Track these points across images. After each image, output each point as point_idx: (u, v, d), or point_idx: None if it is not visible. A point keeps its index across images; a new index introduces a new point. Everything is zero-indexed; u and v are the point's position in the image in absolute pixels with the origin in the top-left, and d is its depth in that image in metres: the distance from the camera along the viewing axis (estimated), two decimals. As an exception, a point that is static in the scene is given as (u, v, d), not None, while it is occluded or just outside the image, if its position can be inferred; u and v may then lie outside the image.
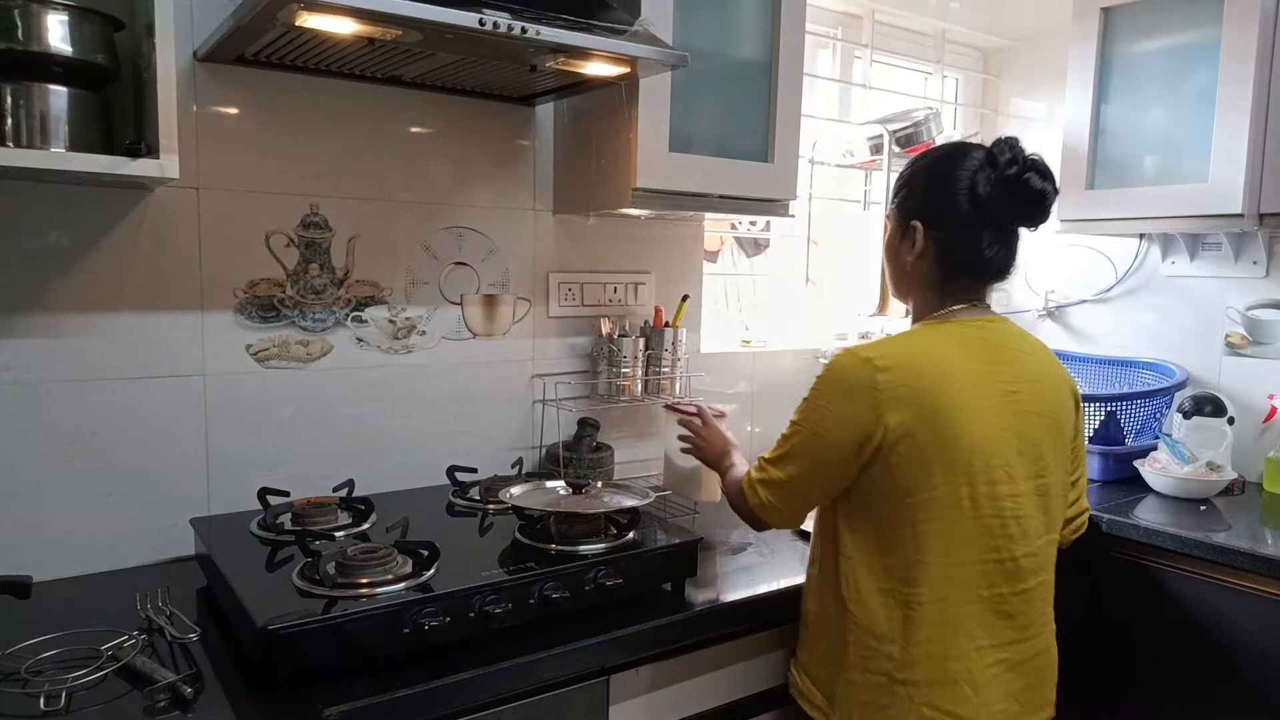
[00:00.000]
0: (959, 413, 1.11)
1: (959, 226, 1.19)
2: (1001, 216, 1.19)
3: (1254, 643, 1.70)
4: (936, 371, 1.13)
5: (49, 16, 1.16)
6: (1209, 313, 2.32)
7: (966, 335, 1.19)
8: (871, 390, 1.11)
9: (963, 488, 1.12)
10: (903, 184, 1.26)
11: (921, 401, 1.10)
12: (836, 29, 2.45)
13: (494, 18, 1.19)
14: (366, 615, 1.07)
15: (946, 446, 1.10)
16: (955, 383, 1.13)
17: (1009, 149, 1.18)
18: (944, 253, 1.21)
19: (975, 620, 1.14)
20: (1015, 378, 1.18)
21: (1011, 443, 1.15)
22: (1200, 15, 2.02)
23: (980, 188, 1.17)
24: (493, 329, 1.79)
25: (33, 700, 0.98)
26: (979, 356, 1.17)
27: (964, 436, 1.11)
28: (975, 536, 1.13)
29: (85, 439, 1.39)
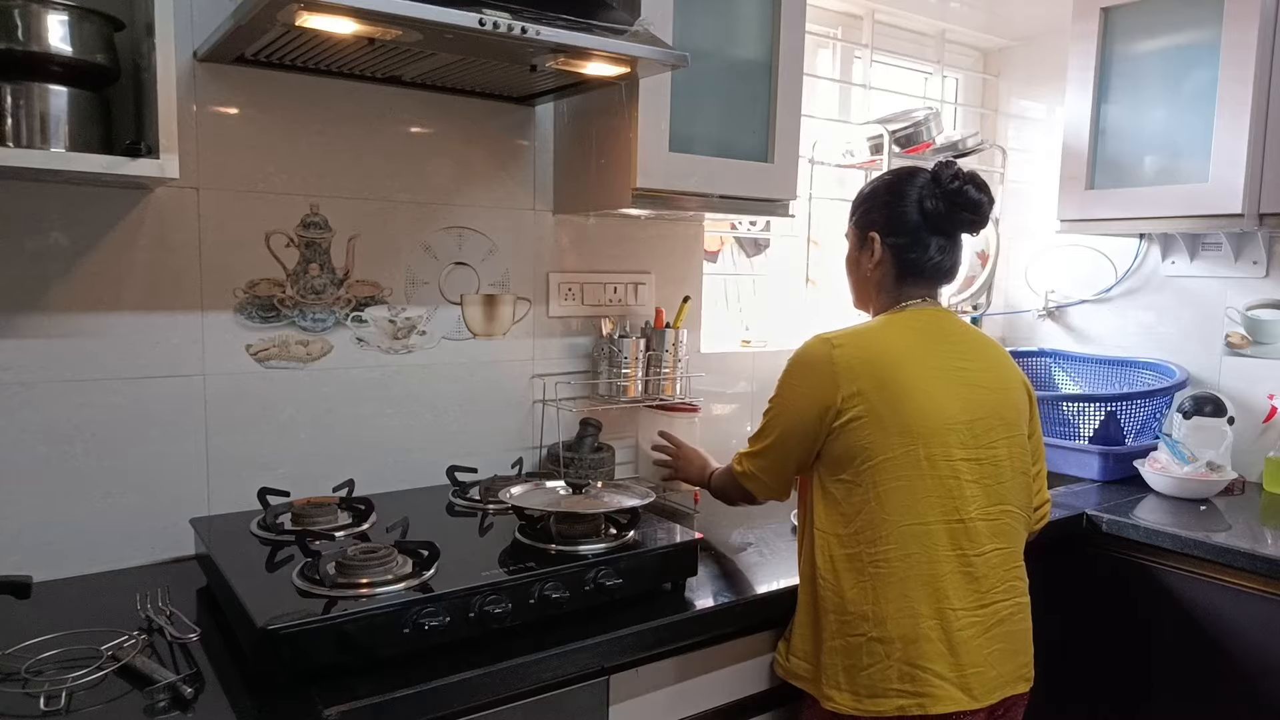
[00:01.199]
0: (911, 381, 1.25)
1: (911, 235, 1.35)
2: (946, 225, 1.35)
3: (1254, 643, 1.70)
4: (888, 346, 1.28)
5: (49, 16, 1.16)
6: (1209, 313, 2.32)
7: (917, 320, 1.34)
8: (829, 364, 1.26)
9: (919, 448, 1.23)
10: (860, 203, 1.42)
11: (874, 372, 1.25)
12: (836, 29, 2.45)
13: (494, 18, 1.19)
14: (366, 615, 1.07)
15: (900, 410, 1.23)
16: (907, 355, 1.28)
17: (948, 168, 1.34)
18: (899, 258, 1.36)
19: (945, 580, 1.23)
20: (964, 355, 1.32)
21: (961, 411, 1.27)
22: (1200, 15, 2.02)
23: (927, 202, 1.34)
24: (493, 329, 1.79)
25: (33, 700, 0.98)
26: (929, 336, 1.32)
27: (916, 401, 1.24)
28: (934, 495, 1.23)
29: (85, 439, 1.39)
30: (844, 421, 1.24)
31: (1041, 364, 2.63)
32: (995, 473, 1.29)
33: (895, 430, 1.23)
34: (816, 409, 1.27)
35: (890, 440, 1.23)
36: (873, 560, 1.23)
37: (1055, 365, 2.61)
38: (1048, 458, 2.24)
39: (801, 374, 1.31)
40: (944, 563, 1.23)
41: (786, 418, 1.31)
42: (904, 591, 1.21)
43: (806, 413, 1.28)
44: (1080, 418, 2.24)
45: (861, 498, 1.24)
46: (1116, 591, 1.90)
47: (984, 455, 1.28)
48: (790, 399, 1.31)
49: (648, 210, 1.68)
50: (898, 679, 1.20)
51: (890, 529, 1.22)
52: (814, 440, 1.29)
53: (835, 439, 1.26)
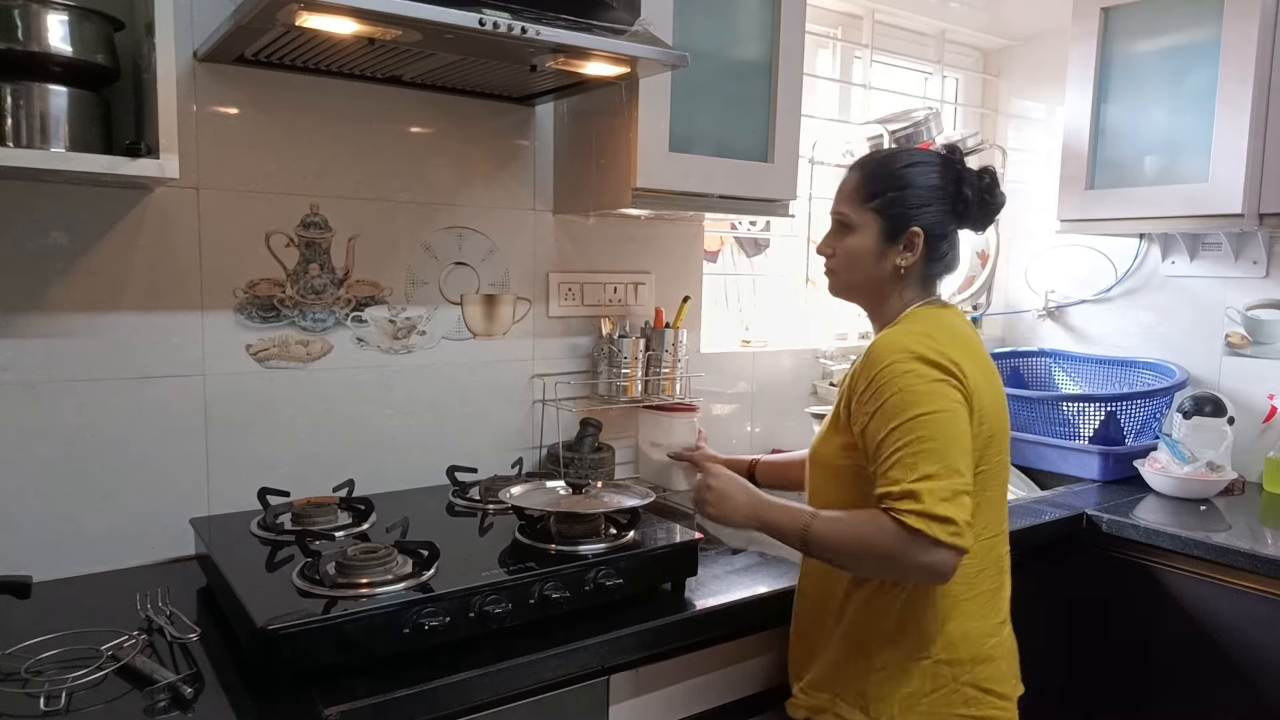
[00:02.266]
0: (991, 386, 1.21)
1: (947, 233, 1.27)
2: (972, 223, 1.29)
3: (1254, 643, 1.70)
4: (969, 348, 1.20)
5: (49, 16, 1.16)
6: (1209, 313, 2.32)
7: (958, 317, 1.28)
8: (953, 366, 1.13)
9: (1004, 455, 1.21)
10: (881, 188, 1.25)
11: (975, 376, 1.16)
12: (836, 29, 2.45)
13: (494, 18, 1.19)
14: (366, 615, 1.07)
15: (992, 419, 1.17)
16: (980, 359, 1.22)
17: (963, 157, 1.28)
18: (934, 256, 1.26)
19: (1001, 592, 1.22)
20: (988, 359, 1.27)
21: (1006, 419, 1.25)
22: (1200, 15, 2.02)
23: (965, 195, 1.25)
24: (493, 329, 1.79)
25: (33, 700, 0.98)
26: (975, 337, 1.27)
27: (998, 408, 1.21)
28: (1001, 505, 1.22)
29: (85, 439, 1.39)
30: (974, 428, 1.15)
31: (1041, 364, 2.63)
32: (1007, 476, 1.28)
33: (992, 439, 1.17)
34: (967, 417, 1.12)
35: (989, 450, 1.16)
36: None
37: (1055, 365, 2.61)
38: (1048, 458, 2.29)
39: (938, 378, 1.11)
40: (1002, 574, 1.21)
41: (957, 432, 1.09)
42: (974, 610, 1.16)
43: (965, 423, 1.11)
44: (1080, 418, 2.23)
45: None
46: (1116, 591, 1.90)
47: (1005, 460, 1.26)
48: (947, 408, 1.10)
49: (648, 210, 1.68)
50: (963, 704, 1.14)
51: (974, 543, 1.10)
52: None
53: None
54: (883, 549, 1.06)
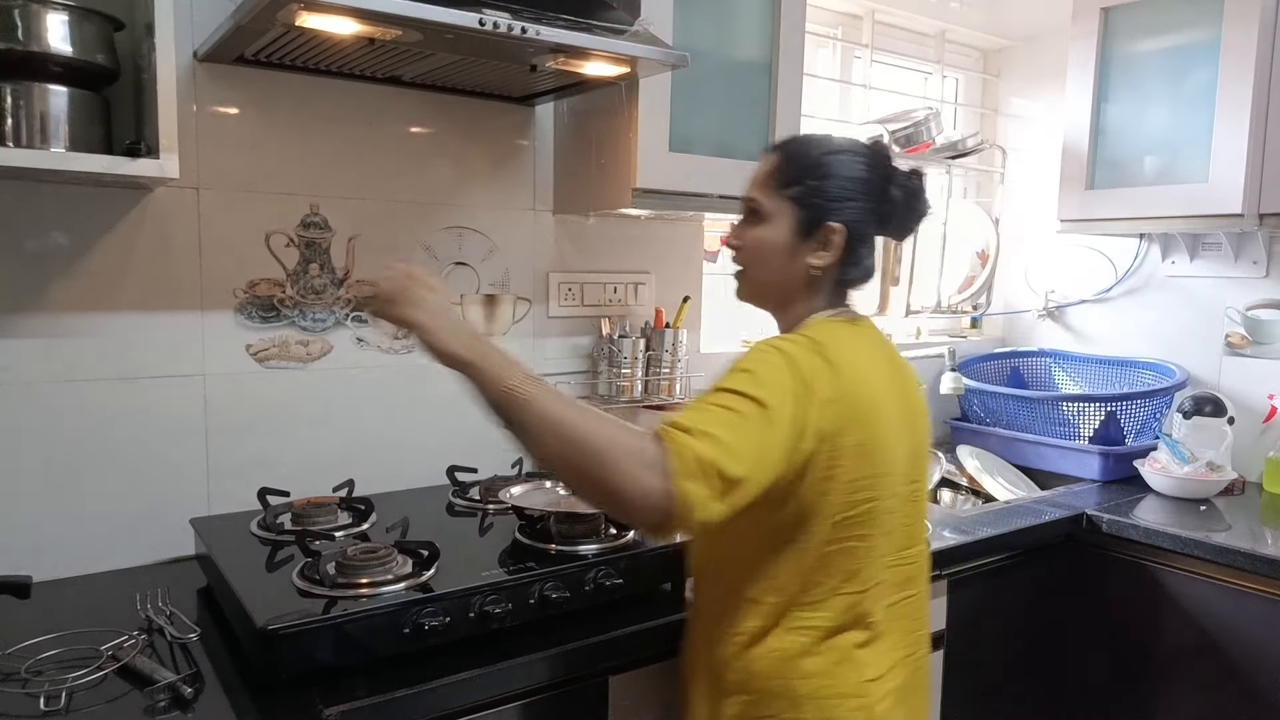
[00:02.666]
0: (883, 415, 1.04)
1: (870, 236, 1.12)
2: (894, 229, 1.15)
3: (1254, 643, 1.70)
4: (858, 374, 1.04)
5: (49, 16, 1.16)
6: (1209, 313, 2.32)
7: (865, 336, 1.12)
8: (821, 371, 0.99)
9: (883, 499, 1.05)
10: (800, 174, 1.10)
11: (858, 403, 1.01)
12: (836, 29, 2.45)
13: (494, 18, 1.19)
14: (366, 615, 1.07)
15: (874, 456, 1.02)
16: (878, 382, 1.06)
17: (891, 155, 1.13)
18: (852, 260, 1.11)
19: (873, 651, 1.06)
20: (904, 379, 1.13)
21: (906, 447, 1.08)
22: (1200, 15, 2.02)
23: (894, 198, 1.11)
24: (493, 329, 1.79)
25: (33, 700, 0.98)
26: (880, 359, 1.10)
27: (886, 442, 1.04)
28: (882, 553, 1.06)
29: (85, 439, 1.39)
30: (821, 458, 0.99)
31: (1041, 364, 2.63)
32: (917, 510, 1.13)
33: (860, 482, 1.01)
34: (798, 424, 0.97)
35: (853, 493, 1.01)
36: (796, 630, 1.03)
37: (1055, 365, 2.61)
38: (1048, 458, 2.29)
39: (783, 365, 0.98)
40: (869, 630, 1.05)
41: (782, 398, 0.96)
42: (829, 669, 1.02)
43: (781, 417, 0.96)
44: (1080, 418, 2.24)
45: (810, 559, 1.02)
46: (1116, 591, 1.90)
47: (912, 491, 1.11)
48: (780, 385, 0.96)
49: (648, 210, 1.68)
50: None
51: (826, 596, 1.02)
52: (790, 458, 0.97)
53: (801, 478, 0.99)
54: (607, 443, 0.88)
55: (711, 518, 0.89)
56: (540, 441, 0.91)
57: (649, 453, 0.88)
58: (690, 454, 0.88)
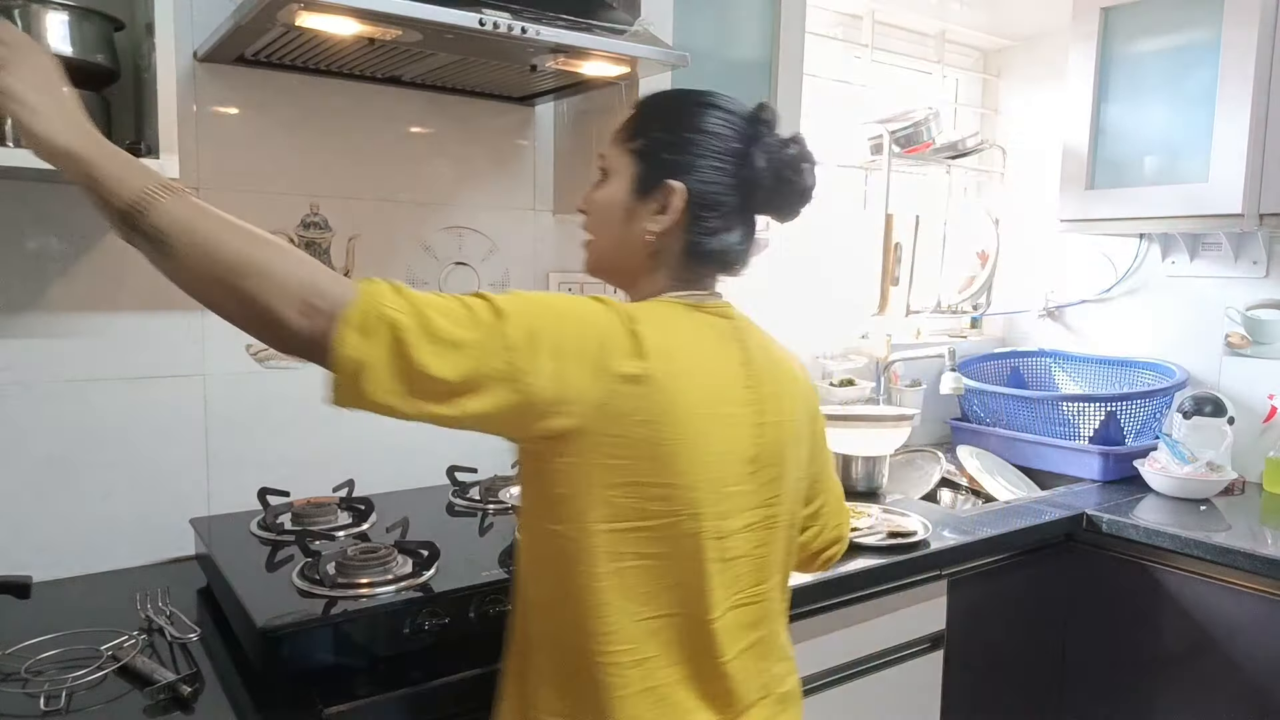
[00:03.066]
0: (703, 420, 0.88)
1: (721, 202, 0.94)
2: (763, 203, 0.97)
3: (1254, 643, 1.70)
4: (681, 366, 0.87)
5: (49, 16, 1.16)
6: (1209, 313, 2.32)
7: (709, 326, 0.94)
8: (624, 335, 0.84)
9: (692, 520, 0.88)
10: (645, 125, 0.97)
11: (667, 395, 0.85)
12: (836, 29, 2.45)
13: (494, 18, 1.19)
14: (366, 615, 1.07)
15: (673, 464, 0.85)
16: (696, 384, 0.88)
17: (775, 117, 0.97)
18: (700, 229, 0.94)
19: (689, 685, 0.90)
20: (763, 383, 0.95)
21: (747, 461, 0.92)
22: (1200, 15, 2.02)
23: (754, 159, 0.94)
24: (493, 329, 1.79)
25: (33, 700, 0.98)
26: (725, 355, 0.93)
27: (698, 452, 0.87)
28: (685, 581, 0.88)
29: (85, 439, 1.39)
30: (593, 441, 0.82)
31: (1041, 364, 2.63)
32: (772, 537, 0.95)
33: (660, 486, 0.85)
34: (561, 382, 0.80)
35: (645, 500, 0.84)
36: (597, 664, 0.85)
37: (1055, 365, 2.61)
38: (1048, 458, 2.29)
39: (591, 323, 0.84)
40: (683, 665, 0.89)
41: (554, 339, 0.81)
42: (638, 712, 0.86)
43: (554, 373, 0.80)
44: (1080, 418, 2.24)
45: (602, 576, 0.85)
46: (1116, 591, 1.90)
47: (764, 517, 0.94)
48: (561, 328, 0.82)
49: (648, 210, 1.67)
50: None
51: (624, 623, 0.85)
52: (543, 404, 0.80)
53: (562, 458, 0.83)
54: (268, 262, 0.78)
55: (381, 395, 0.76)
56: (183, 259, 0.78)
57: (331, 290, 0.76)
58: (379, 310, 0.75)
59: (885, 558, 1.53)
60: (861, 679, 1.52)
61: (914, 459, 2.29)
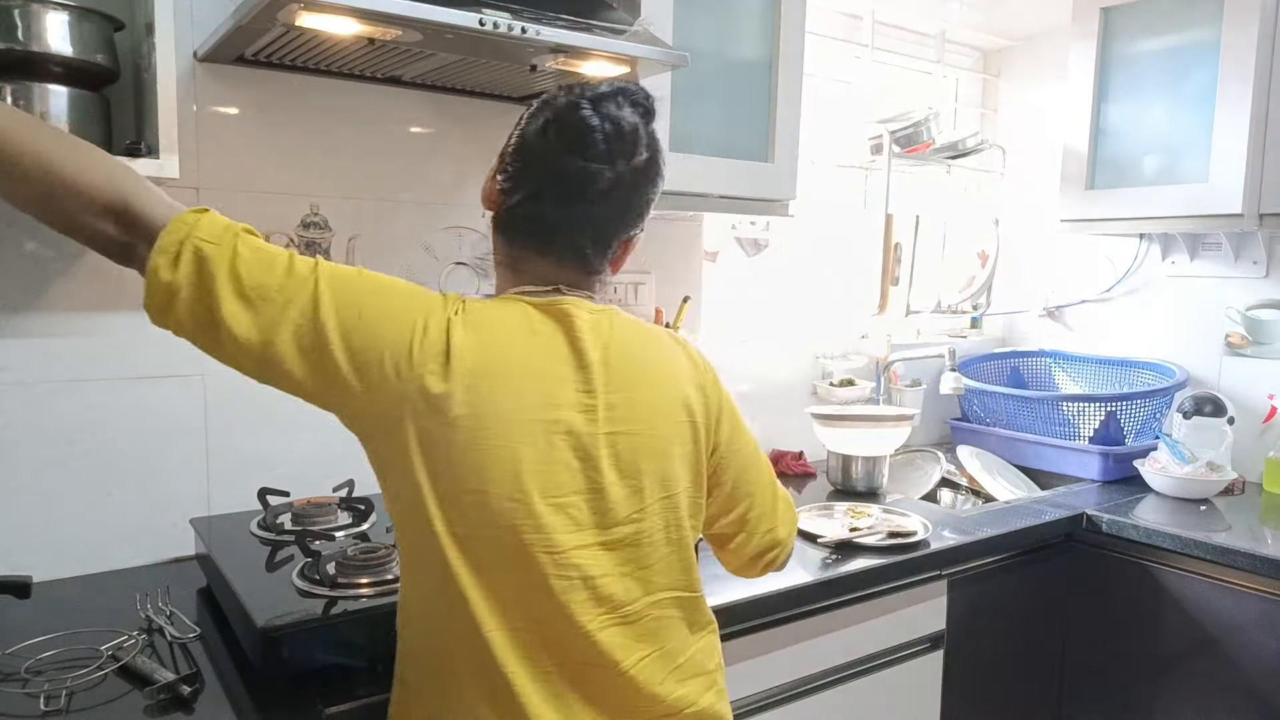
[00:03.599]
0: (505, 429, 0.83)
1: (514, 179, 0.95)
2: (559, 159, 0.92)
3: (1254, 643, 1.70)
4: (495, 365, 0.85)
5: (49, 16, 1.16)
6: (1209, 313, 2.32)
7: (530, 320, 0.90)
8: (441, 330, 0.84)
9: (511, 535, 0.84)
10: None
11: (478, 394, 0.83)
12: (836, 29, 2.44)
13: (494, 18, 1.19)
14: (366, 615, 1.07)
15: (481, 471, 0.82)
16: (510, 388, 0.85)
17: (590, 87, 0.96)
18: (505, 209, 0.96)
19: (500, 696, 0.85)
20: (609, 386, 0.90)
21: (583, 475, 0.86)
22: (1200, 15, 2.02)
23: (528, 130, 0.94)
24: (493, 329, 1.79)
25: (33, 700, 0.98)
26: (551, 355, 0.89)
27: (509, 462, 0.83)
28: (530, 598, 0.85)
29: (85, 439, 1.39)
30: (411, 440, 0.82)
31: (1041, 364, 2.63)
32: (641, 554, 0.90)
33: (473, 493, 0.82)
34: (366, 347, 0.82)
35: (469, 509, 0.82)
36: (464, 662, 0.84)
37: (1055, 365, 2.61)
38: (1048, 458, 2.29)
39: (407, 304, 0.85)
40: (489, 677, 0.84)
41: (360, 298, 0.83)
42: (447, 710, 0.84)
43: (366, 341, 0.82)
44: (1080, 418, 2.24)
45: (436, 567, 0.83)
46: (1116, 591, 1.90)
47: (624, 535, 0.88)
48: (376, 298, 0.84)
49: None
50: None
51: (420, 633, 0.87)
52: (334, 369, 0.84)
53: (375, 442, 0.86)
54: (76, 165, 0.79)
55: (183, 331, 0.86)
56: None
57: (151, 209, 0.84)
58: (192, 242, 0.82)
59: (885, 558, 1.53)
60: (861, 679, 1.52)
61: (914, 459, 2.29)
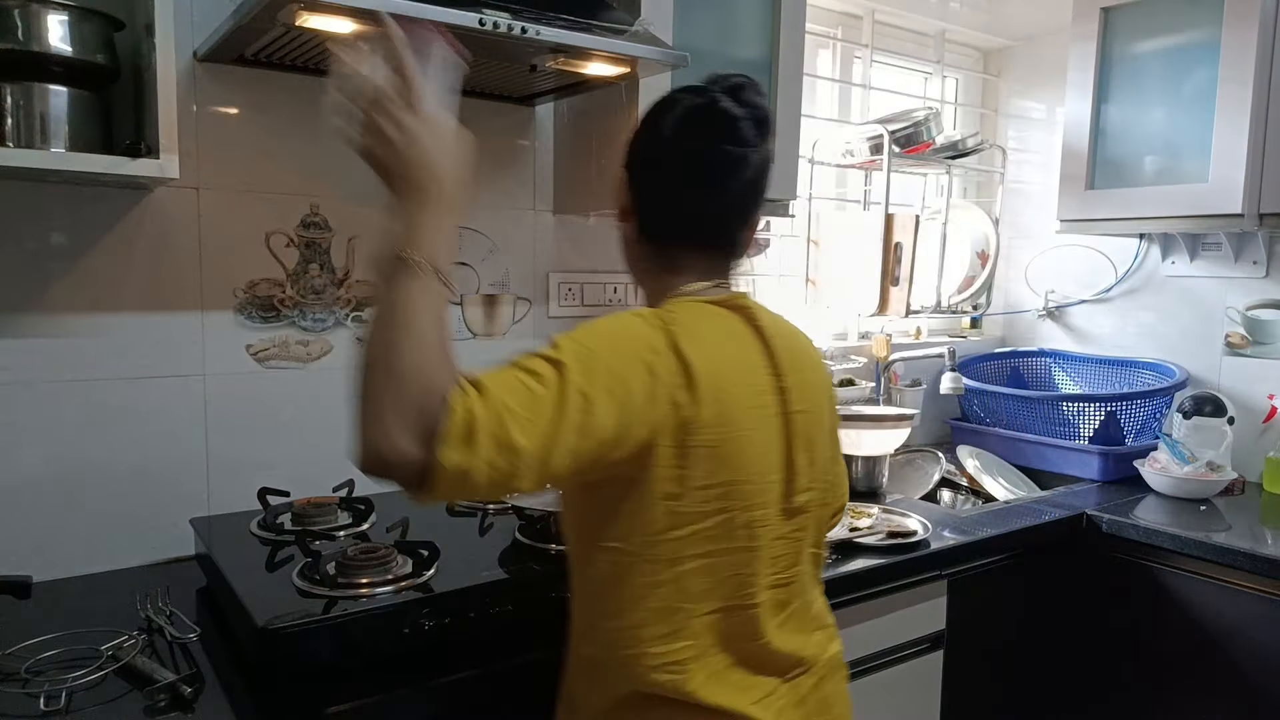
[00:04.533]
0: (741, 417, 0.92)
1: (658, 185, 1.00)
2: (702, 158, 0.97)
3: (1254, 643, 1.70)
4: (718, 368, 0.91)
5: (49, 16, 1.16)
6: (1209, 313, 2.32)
7: (731, 321, 0.99)
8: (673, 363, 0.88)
9: (744, 513, 0.94)
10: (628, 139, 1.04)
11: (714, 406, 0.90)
12: (836, 29, 2.45)
13: (494, 18, 1.19)
14: (366, 615, 1.07)
15: (728, 463, 0.91)
16: (734, 378, 0.93)
17: (726, 80, 1.00)
18: (651, 213, 1.01)
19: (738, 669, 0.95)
20: (786, 371, 0.99)
21: (780, 452, 0.97)
22: (1200, 15, 2.02)
23: (665, 136, 0.98)
24: (493, 329, 1.79)
25: (33, 700, 0.98)
26: (751, 349, 0.98)
27: (743, 449, 0.92)
28: (747, 569, 0.95)
29: (85, 439, 1.39)
30: (662, 454, 0.87)
31: (1041, 364, 2.63)
32: (808, 522, 1.01)
33: (710, 490, 0.90)
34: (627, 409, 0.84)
35: (704, 502, 0.90)
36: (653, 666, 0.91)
37: (1055, 365, 2.61)
38: (1048, 458, 2.29)
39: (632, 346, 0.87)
40: (732, 654, 0.94)
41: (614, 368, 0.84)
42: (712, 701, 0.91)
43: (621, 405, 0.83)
44: (1080, 418, 2.24)
45: (666, 583, 0.90)
46: (1116, 591, 1.90)
47: (800, 503, 0.99)
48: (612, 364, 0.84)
49: (648, 210, 1.68)
50: None
51: (684, 621, 0.91)
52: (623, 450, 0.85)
53: (619, 481, 0.88)
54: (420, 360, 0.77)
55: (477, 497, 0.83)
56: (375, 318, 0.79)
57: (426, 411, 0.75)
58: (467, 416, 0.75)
59: (885, 558, 1.53)
60: (861, 679, 1.52)
61: (914, 459, 2.29)
